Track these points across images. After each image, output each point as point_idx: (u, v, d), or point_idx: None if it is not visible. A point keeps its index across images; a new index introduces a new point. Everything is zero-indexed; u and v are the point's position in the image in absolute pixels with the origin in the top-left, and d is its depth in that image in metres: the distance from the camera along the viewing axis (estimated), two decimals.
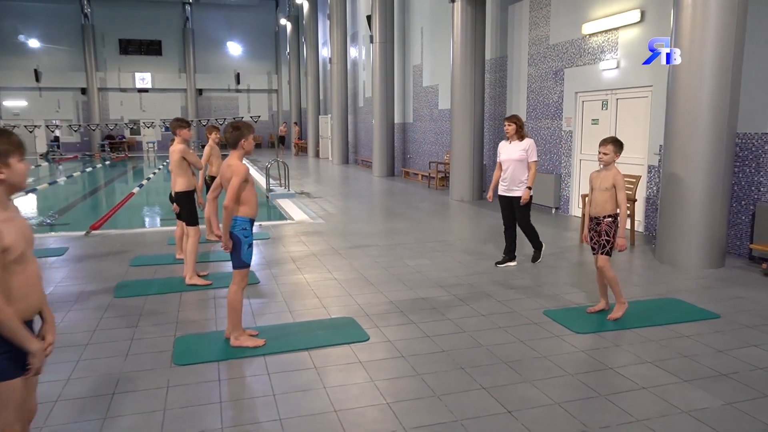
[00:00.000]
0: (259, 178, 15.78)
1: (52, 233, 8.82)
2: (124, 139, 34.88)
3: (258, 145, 37.37)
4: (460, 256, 6.95)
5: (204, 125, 33.40)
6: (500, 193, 6.51)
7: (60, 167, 23.93)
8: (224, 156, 4.92)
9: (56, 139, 34.00)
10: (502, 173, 6.42)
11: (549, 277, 6.04)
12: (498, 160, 6.48)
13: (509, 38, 11.63)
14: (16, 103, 34.50)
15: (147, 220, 11.08)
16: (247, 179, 3.96)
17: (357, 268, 6.48)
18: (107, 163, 26.02)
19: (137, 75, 35.68)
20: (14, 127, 24.49)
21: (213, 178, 8.13)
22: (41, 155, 30.49)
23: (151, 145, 35.08)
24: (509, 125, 6.33)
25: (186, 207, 5.95)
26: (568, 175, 10.04)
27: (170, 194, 6.27)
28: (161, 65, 36.40)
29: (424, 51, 16.18)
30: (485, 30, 11.76)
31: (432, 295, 5.42)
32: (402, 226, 9.15)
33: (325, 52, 26.38)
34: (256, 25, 37.90)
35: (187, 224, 5.93)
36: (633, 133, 8.46)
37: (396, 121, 18.22)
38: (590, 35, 9.26)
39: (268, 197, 12.48)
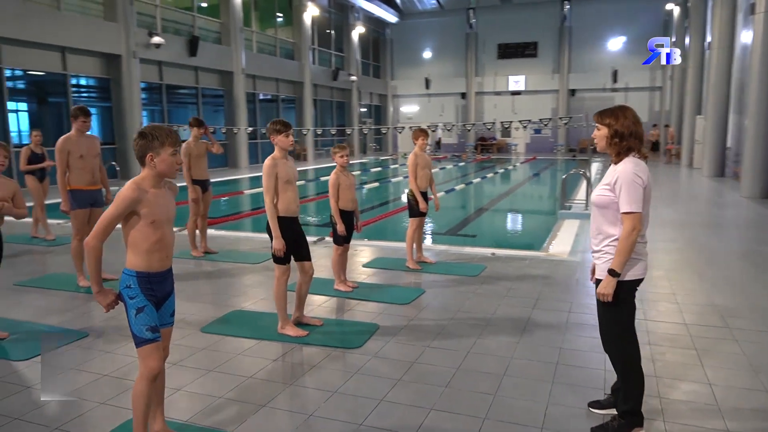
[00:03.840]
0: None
1: None
2: (494, 141, 35.86)
3: None
4: None
5: (565, 124, 31.59)
6: None
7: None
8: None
9: (438, 141, 37.39)
10: None
11: None
12: None
13: None
14: (410, 108, 39.42)
15: None
16: (135, 211, 2.57)
17: (530, 358, 4.10)
18: (461, 164, 26.80)
19: (511, 78, 36.30)
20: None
21: (422, 194, 6.67)
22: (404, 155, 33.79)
23: (513, 147, 35.36)
24: (598, 128, 3.00)
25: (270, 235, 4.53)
26: None
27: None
28: (535, 67, 36.11)
29: None
30: None
31: None
32: (725, 300, 5.55)
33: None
34: (641, 12, 33.45)
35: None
36: None
37: None
38: None
39: (558, 214, 10.48)
